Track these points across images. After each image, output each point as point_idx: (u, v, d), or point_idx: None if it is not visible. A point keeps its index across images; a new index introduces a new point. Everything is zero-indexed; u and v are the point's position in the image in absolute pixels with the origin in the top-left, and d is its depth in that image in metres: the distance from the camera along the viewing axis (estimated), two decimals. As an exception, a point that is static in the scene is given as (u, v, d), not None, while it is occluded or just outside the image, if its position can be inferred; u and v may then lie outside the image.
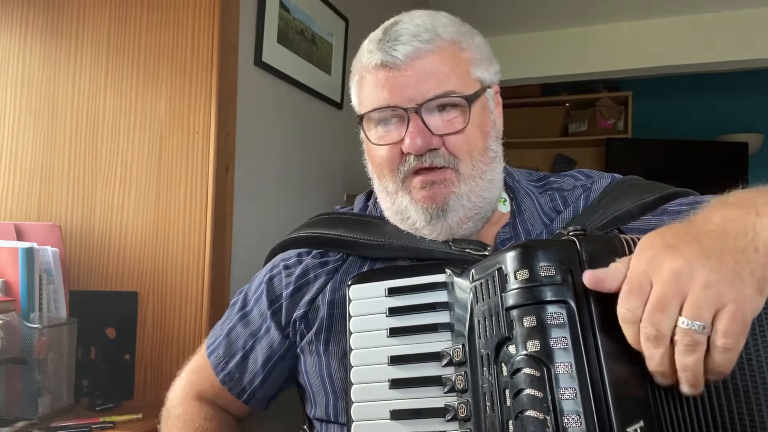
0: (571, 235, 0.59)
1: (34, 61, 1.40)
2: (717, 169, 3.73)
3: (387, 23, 0.82)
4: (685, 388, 0.51)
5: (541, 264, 0.56)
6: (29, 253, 1.15)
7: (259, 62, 1.56)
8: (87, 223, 1.35)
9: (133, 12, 1.37)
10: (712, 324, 0.48)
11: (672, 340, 0.50)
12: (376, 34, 0.82)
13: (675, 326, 0.49)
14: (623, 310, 0.51)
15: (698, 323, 0.48)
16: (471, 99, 0.79)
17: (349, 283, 0.75)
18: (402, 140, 0.78)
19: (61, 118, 1.38)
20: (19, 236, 1.22)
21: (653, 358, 0.50)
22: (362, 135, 0.89)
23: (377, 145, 0.81)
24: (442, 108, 0.78)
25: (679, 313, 0.49)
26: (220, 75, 1.33)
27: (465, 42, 0.81)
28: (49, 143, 1.38)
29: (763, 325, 0.53)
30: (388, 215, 0.84)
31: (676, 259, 0.50)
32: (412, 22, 0.79)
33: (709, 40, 3.05)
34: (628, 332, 0.52)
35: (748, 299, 0.48)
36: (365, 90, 0.82)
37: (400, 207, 0.81)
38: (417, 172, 0.79)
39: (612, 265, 0.55)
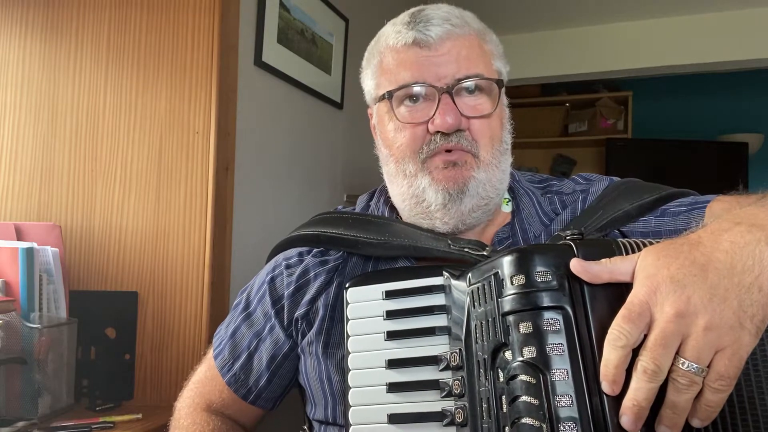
0: (569, 239, 0.59)
1: (34, 61, 1.40)
2: (717, 169, 3.73)
3: (411, 10, 0.84)
4: (662, 429, 0.51)
5: (538, 269, 0.56)
6: (29, 253, 1.15)
7: (259, 62, 1.56)
8: (87, 223, 1.35)
9: (133, 12, 1.37)
10: (709, 364, 0.49)
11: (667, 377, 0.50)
12: (401, 19, 0.84)
13: (672, 363, 0.50)
14: (616, 331, 0.51)
15: (697, 366, 0.49)
16: (501, 84, 0.82)
17: (347, 285, 0.75)
18: (430, 119, 0.79)
19: (61, 118, 1.38)
20: (19, 236, 1.22)
21: (641, 391, 0.49)
22: (373, 121, 0.90)
23: (404, 124, 0.81)
24: (470, 91, 0.80)
25: (678, 351, 0.50)
26: (220, 75, 1.33)
27: (487, 35, 0.85)
28: (49, 143, 1.38)
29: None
30: (400, 200, 0.85)
31: (680, 298, 0.50)
32: (440, 9, 0.82)
33: (709, 40, 3.05)
34: (612, 355, 0.51)
35: (745, 344, 0.49)
36: (387, 70, 0.83)
37: (417, 189, 0.81)
38: (437, 153, 0.80)
39: (603, 260, 0.55)
